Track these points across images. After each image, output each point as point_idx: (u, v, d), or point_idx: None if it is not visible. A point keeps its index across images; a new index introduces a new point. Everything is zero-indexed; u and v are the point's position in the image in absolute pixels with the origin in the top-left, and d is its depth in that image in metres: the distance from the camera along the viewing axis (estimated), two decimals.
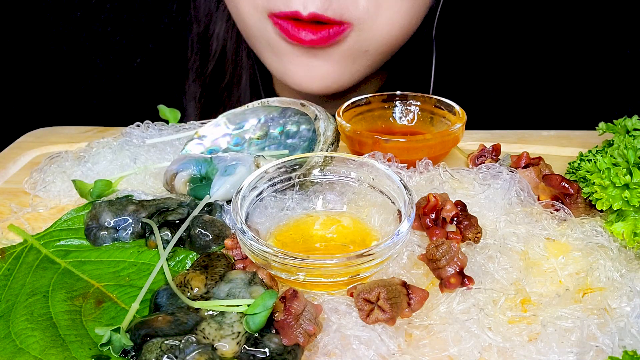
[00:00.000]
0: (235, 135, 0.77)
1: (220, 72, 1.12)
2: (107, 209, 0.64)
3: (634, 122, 0.71)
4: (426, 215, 0.60)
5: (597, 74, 1.13)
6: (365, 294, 0.51)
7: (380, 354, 0.49)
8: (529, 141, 0.85)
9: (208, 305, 0.50)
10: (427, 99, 0.83)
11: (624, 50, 1.12)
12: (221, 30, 1.09)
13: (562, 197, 0.65)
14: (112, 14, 1.20)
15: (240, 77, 1.11)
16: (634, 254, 0.58)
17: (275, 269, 0.54)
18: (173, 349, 0.47)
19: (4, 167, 0.82)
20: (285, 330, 0.49)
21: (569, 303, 0.53)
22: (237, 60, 1.10)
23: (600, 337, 0.49)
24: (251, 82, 1.12)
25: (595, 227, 0.61)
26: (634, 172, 0.59)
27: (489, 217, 0.63)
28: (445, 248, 0.54)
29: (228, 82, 1.12)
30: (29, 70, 1.25)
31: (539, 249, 0.58)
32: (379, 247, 0.53)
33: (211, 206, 0.64)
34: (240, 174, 0.66)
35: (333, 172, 0.65)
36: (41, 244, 0.62)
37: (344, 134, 0.76)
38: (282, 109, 0.77)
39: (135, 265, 0.59)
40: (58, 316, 0.53)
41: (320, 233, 0.62)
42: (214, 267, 0.55)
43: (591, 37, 1.12)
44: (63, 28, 1.21)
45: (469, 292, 0.53)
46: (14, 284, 0.57)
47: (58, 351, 0.49)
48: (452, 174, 0.69)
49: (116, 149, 0.78)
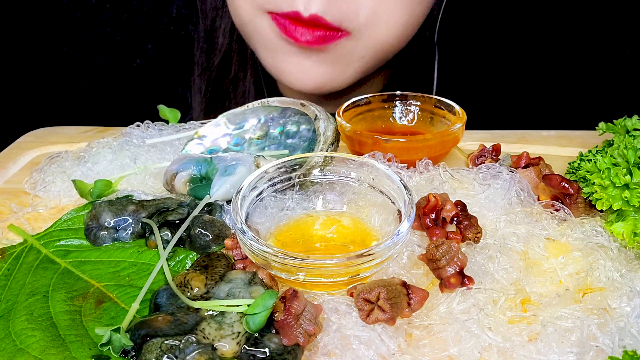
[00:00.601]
0: (235, 135, 0.77)
1: (226, 66, 1.11)
2: (107, 209, 0.64)
3: (634, 122, 0.71)
4: (426, 215, 0.60)
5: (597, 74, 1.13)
6: (365, 294, 0.51)
7: (380, 354, 0.49)
8: (529, 141, 0.85)
9: (208, 305, 0.50)
10: (427, 99, 0.83)
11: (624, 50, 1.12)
12: (227, 25, 1.09)
13: (562, 197, 0.65)
14: (112, 14, 1.20)
15: (245, 71, 1.11)
16: (634, 254, 0.58)
17: (275, 269, 0.54)
18: (173, 349, 0.47)
19: (4, 167, 0.82)
20: (285, 330, 0.49)
21: (569, 303, 0.53)
22: (243, 54, 1.10)
23: (600, 337, 0.49)
24: (256, 77, 1.12)
25: (595, 227, 0.61)
26: (634, 172, 0.59)
27: (489, 217, 0.63)
28: (445, 248, 0.54)
29: (233, 76, 1.12)
30: (29, 70, 1.25)
31: (539, 249, 0.58)
32: (379, 247, 0.53)
33: (211, 206, 0.64)
34: (240, 174, 0.66)
35: (333, 172, 0.65)
36: (41, 244, 0.62)
37: (344, 134, 0.76)
38: (282, 109, 0.77)
39: (135, 265, 0.59)
40: (58, 316, 0.53)
41: (320, 233, 0.62)
42: (214, 267, 0.55)
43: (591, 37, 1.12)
44: (63, 28, 1.21)
45: (469, 292, 0.53)
46: (14, 284, 0.57)
47: (58, 351, 0.49)
48: (452, 174, 0.69)
49: (116, 149, 0.78)
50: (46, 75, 1.25)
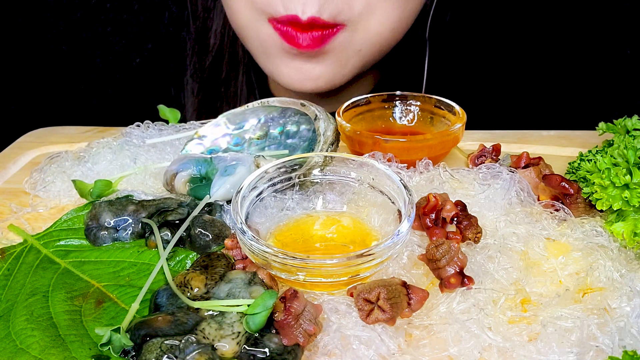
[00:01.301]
0: (235, 135, 0.77)
1: (217, 67, 1.12)
2: (107, 209, 0.64)
3: (634, 122, 0.71)
4: (426, 215, 0.60)
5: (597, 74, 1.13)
6: (365, 294, 0.51)
7: (380, 354, 0.49)
8: (529, 141, 0.85)
9: (208, 305, 0.50)
10: (427, 99, 0.83)
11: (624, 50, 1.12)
12: (219, 26, 1.10)
13: (562, 197, 0.65)
14: (112, 14, 1.20)
15: (237, 72, 1.12)
16: (634, 254, 0.58)
17: (275, 269, 0.54)
18: (173, 349, 0.47)
19: (4, 167, 0.82)
20: (285, 330, 0.49)
21: (569, 303, 0.53)
22: (234, 56, 1.11)
23: (600, 337, 0.49)
24: (247, 77, 1.12)
25: (595, 227, 0.61)
26: (634, 172, 0.59)
27: (489, 217, 0.63)
28: (445, 248, 0.54)
29: (225, 77, 1.12)
30: (29, 70, 1.25)
31: (539, 249, 0.58)
32: (379, 247, 0.53)
33: (211, 206, 0.64)
34: (240, 174, 0.66)
35: (333, 172, 0.65)
36: (41, 244, 0.62)
37: (344, 134, 0.76)
38: (282, 109, 0.77)
39: (135, 265, 0.59)
40: (58, 316, 0.53)
41: (320, 233, 0.62)
42: (214, 267, 0.55)
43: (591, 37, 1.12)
44: (63, 28, 1.21)
45: (469, 292, 0.53)
46: (14, 284, 0.57)
47: (58, 351, 0.49)
48: (452, 174, 0.69)
49: (116, 149, 0.78)
50: (46, 75, 1.25)
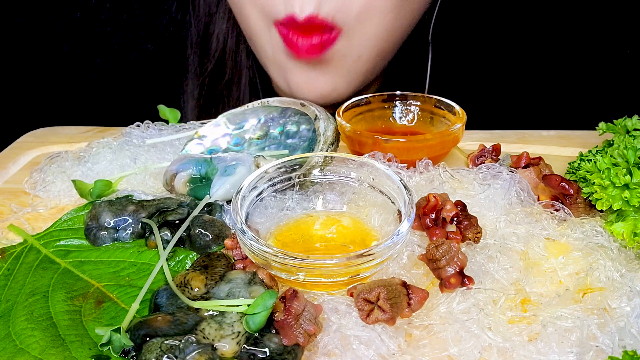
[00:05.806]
0: (235, 135, 0.77)
1: (219, 71, 1.12)
2: (107, 209, 0.64)
3: (634, 122, 0.71)
4: (426, 215, 0.60)
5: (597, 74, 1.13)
6: (365, 294, 0.51)
7: (380, 354, 0.49)
8: (529, 141, 0.85)
9: (208, 305, 0.50)
10: (427, 99, 0.83)
11: (624, 50, 1.12)
12: (221, 30, 1.10)
13: (562, 197, 0.65)
14: (112, 14, 1.20)
15: (239, 76, 1.12)
16: (634, 254, 0.58)
17: (275, 269, 0.54)
18: (173, 349, 0.47)
19: (4, 167, 0.82)
20: (285, 330, 0.49)
21: (569, 303, 0.53)
22: (237, 60, 1.11)
23: (600, 337, 0.49)
24: (250, 82, 1.12)
25: (595, 227, 0.61)
26: (634, 172, 0.59)
27: (489, 217, 0.63)
28: (445, 248, 0.54)
29: (227, 81, 1.12)
30: (29, 70, 1.25)
31: (539, 249, 0.58)
32: (379, 247, 0.53)
33: (211, 206, 0.64)
34: (240, 174, 0.66)
35: (333, 172, 0.65)
36: (41, 244, 0.62)
37: (344, 134, 0.76)
38: (282, 109, 0.77)
39: (135, 265, 0.59)
40: (58, 316, 0.53)
41: (320, 233, 0.62)
42: (214, 267, 0.55)
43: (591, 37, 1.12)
44: (63, 28, 1.21)
45: (469, 292, 0.53)
46: (14, 284, 0.57)
47: (58, 351, 0.49)
48: (452, 174, 0.69)
49: (116, 149, 0.78)
50: (46, 75, 1.24)
